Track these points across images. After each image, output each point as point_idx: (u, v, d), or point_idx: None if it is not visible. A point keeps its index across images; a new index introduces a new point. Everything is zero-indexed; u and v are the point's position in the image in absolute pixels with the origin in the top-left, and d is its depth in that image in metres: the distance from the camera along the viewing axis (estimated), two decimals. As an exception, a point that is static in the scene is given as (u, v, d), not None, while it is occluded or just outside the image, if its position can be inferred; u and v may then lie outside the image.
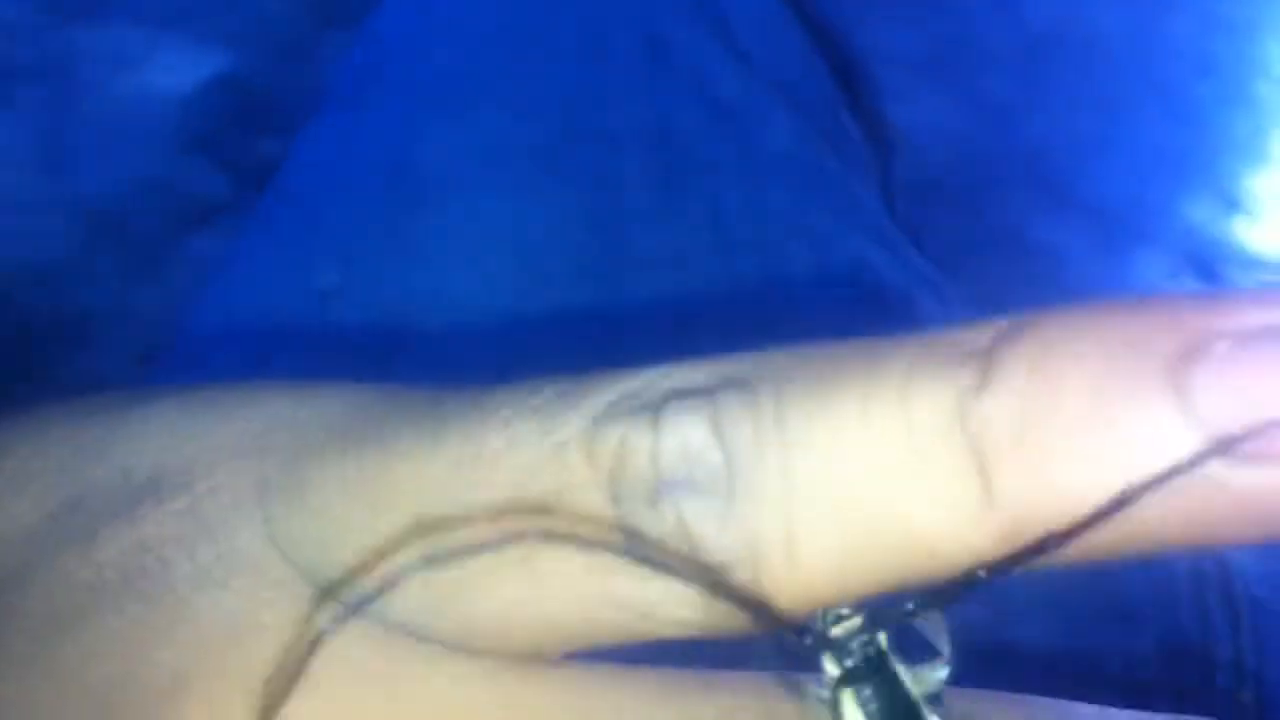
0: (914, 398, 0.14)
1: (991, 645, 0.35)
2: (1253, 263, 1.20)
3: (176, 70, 1.17)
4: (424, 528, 0.15)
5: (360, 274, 0.38)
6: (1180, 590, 0.39)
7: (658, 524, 0.14)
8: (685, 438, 0.14)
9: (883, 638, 0.15)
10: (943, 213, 1.23)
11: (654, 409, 0.15)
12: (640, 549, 0.14)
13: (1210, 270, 1.20)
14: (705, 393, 0.15)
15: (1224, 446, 0.13)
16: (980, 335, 0.14)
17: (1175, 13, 1.34)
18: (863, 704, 0.14)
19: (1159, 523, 0.14)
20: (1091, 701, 0.36)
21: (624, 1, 0.43)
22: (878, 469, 0.14)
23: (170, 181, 1.12)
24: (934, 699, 0.15)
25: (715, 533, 0.14)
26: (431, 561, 0.15)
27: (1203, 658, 0.38)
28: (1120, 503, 0.13)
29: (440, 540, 0.15)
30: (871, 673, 0.14)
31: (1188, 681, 0.37)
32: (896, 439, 0.14)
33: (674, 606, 0.15)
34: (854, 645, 0.14)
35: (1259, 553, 0.41)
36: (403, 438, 0.16)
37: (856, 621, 0.14)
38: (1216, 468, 0.13)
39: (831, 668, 0.14)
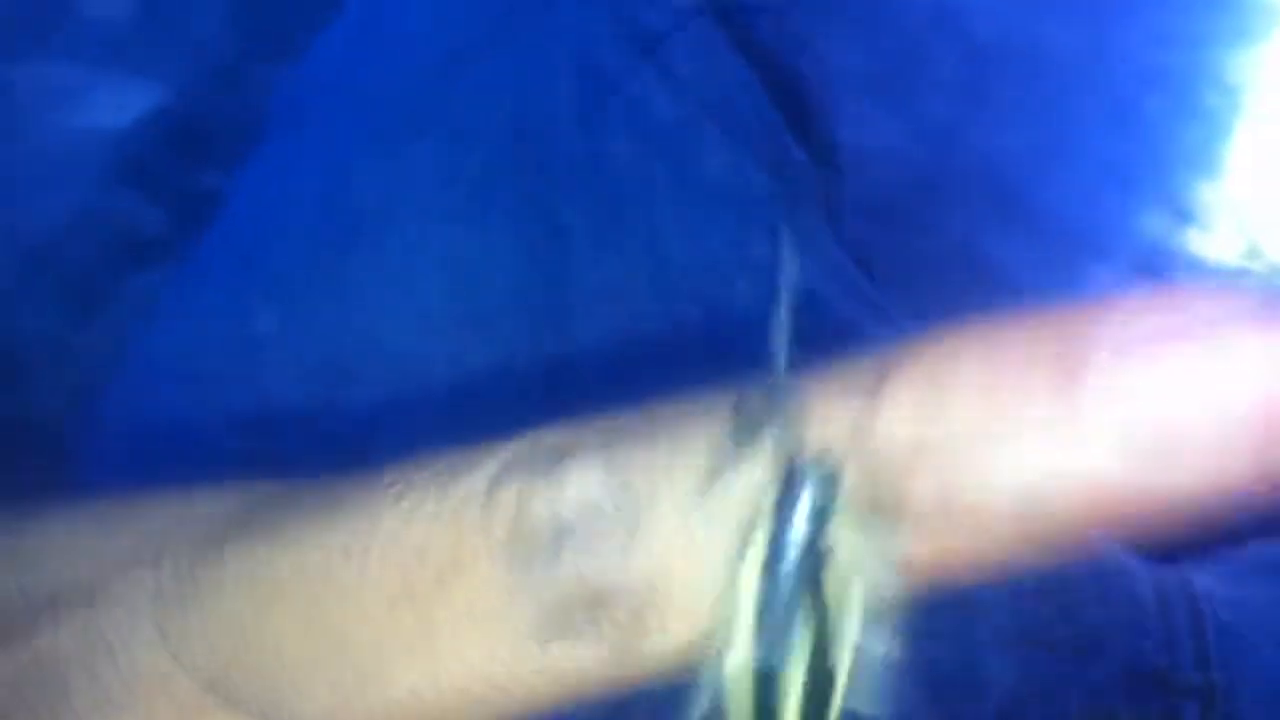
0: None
1: (957, 680, 0.34)
2: (1203, 272, 1.21)
3: (113, 105, 1.15)
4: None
5: (297, 316, 0.37)
6: (1146, 617, 0.38)
7: (559, 574, 0.14)
8: (584, 485, 0.14)
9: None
10: (892, 232, 1.23)
11: (551, 462, 0.14)
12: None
13: (1162, 280, 1.21)
14: (600, 445, 0.15)
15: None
16: (873, 363, 0.15)
17: (1123, 25, 1.35)
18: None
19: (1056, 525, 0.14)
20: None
21: (559, 30, 0.42)
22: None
23: (107, 216, 1.10)
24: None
25: (618, 575, 0.14)
26: None
27: (1169, 686, 0.37)
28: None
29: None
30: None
31: (1154, 711, 0.36)
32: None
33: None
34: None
35: (1225, 575, 0.40)
36: (290, 528, 0.15)
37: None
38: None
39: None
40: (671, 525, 0.14)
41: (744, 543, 0.14)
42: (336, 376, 0.35)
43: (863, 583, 0.14)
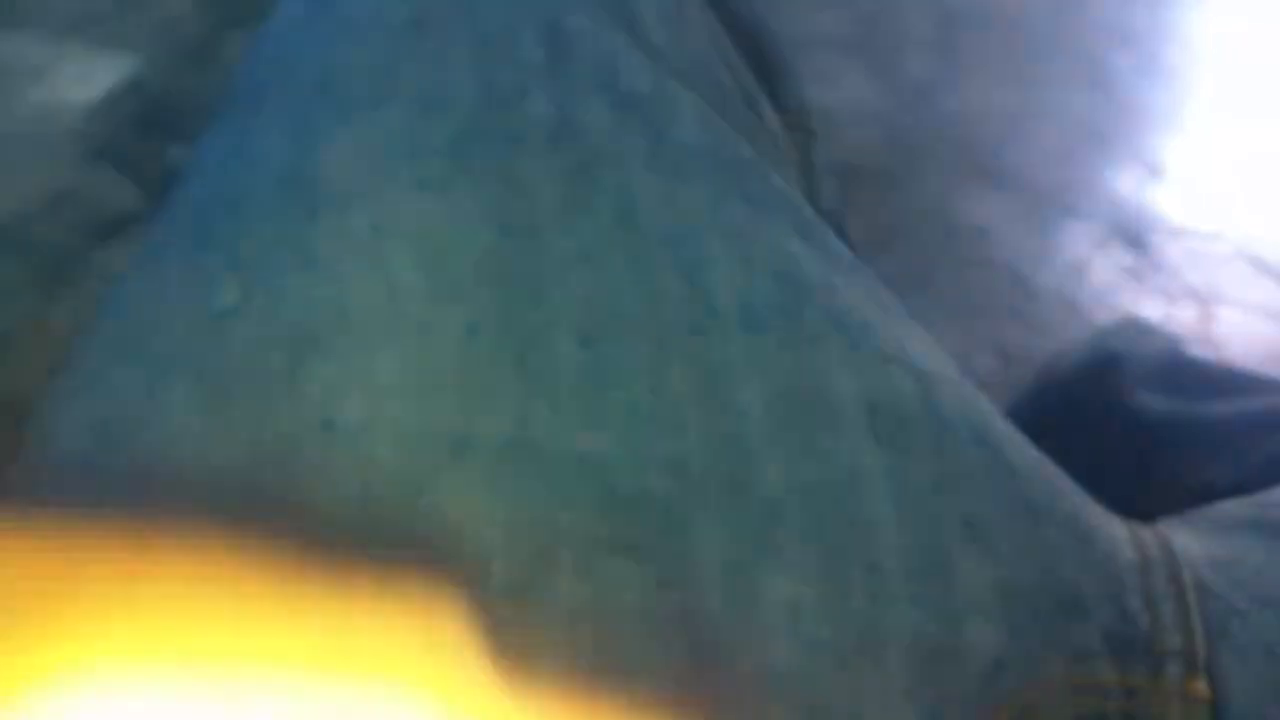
0: None
1: (937, 648, 0.34)
2: (1178, 231, 1.21)
3: (81, 80, 1.14)
4: None
5: (260, 290, 0.37)
6: (1126, 578, 0.38)
7: None
8: None
9: None
10: (869, 194, 1.23)
11: None
12: None
13: (1137, 239, 1.21)
14: None
15: None
16: None
17: (1092, -14, 1.35)
18: None
19: None
20: (1040, 708, 0.35)
21: (526, -8, 0.41)
22: None
23: (78, 192, 1.09)
24: None
25: None
26: None
27: (1152, 649, 0.37)
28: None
29: None
30: None
31: (1138, 676, 0.36)
32: None
33: None
34: None
35: (1204, 534, 0.40)
36: None
37: None
38: None
39: None
40: None
41: None
42: (303, 348, 0.35)
43: None
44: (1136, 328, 1.10)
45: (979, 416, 0.38)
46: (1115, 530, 0.39)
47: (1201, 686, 0.36)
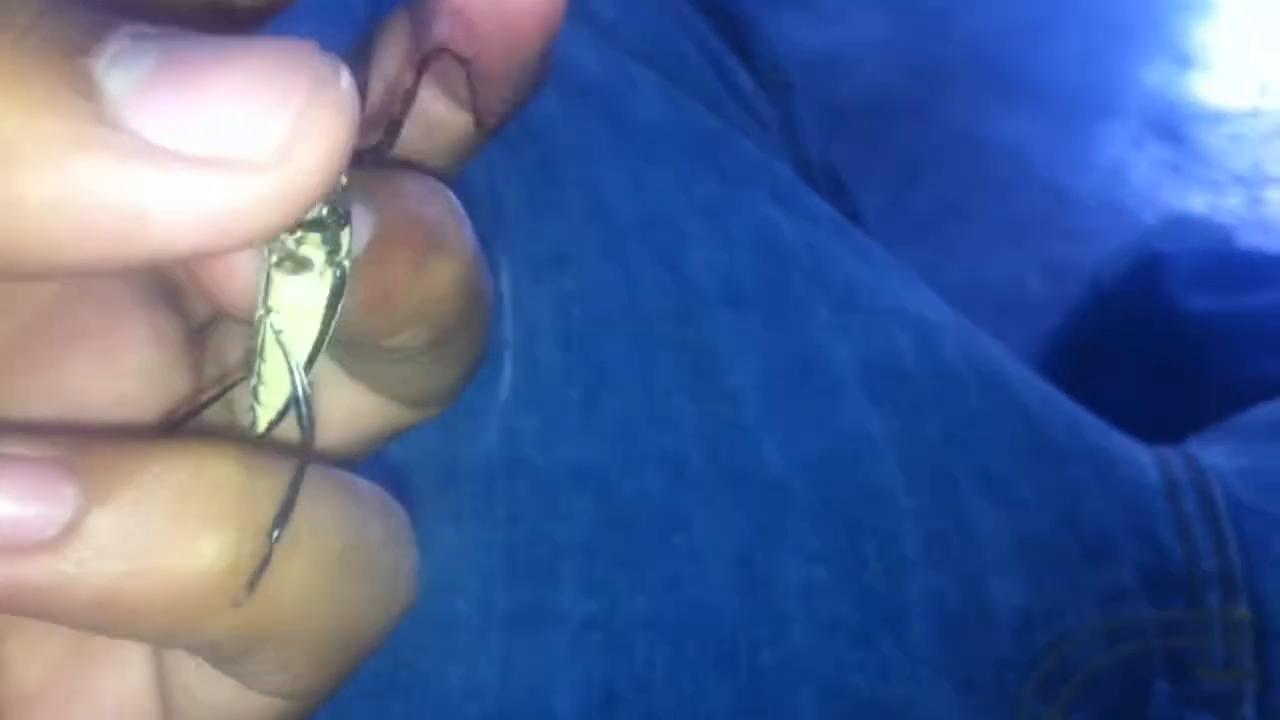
0: None
1: (963, 610, 0.33)
2: (1216, 117, 1.17)
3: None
4: None
5: None
6: (1154, 507, 0.36)
7: None
8: None
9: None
10: (895, 128, 1.20)
11: None
12: None
13: (1175, 131, 1.18)
14: None
15: None
16: None
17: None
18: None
19: None
20: (1076, 659, 0.33)
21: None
22: None
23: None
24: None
25: None
26: None
27: (1189, 578, 0.35)
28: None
29: None
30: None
31: (1175, 610, 0.35)
32: None
33: None
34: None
35: (1233, 449, 0.38)
36: None
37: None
38: None
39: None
40: None
41: None
42: None
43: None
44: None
45: (985, 360, 0.37)
46: (1139, 457, 0.37)
47: (1243, 611, 0.34)
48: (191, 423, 0.19)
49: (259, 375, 0.17)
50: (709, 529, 0.32)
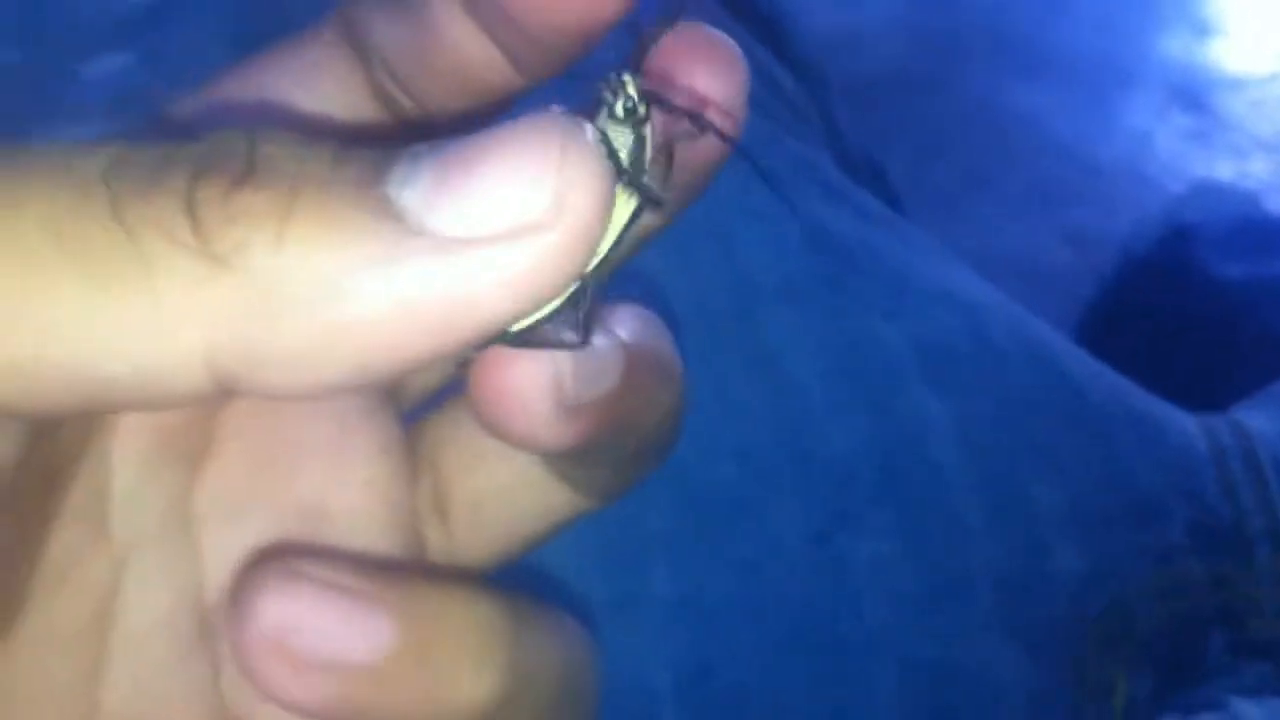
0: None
1: (1024, 581, 0.35)
2: (1237, 83, 1.18)
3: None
4: None
5: None
6: (1202, 470, 0.38)
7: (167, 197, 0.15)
8: (215, 139, 0.15)
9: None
10: (915, 104, 1.21)
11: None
12: None
13: (1197, 100, 1.19)
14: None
15: None
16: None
17: None
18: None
19: None
20: (1133, 616, 0.35)
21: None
22: None
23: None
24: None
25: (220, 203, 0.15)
26: None
27: (1237, 535, 0.37)
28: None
29: None
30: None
31: (1226, 565, 0.37)
32: None
33: None
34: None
35: (1274, 413, 0.40)
36: None
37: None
38: None
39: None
40: None
41: None
42: None
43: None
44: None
45: (1032, 337, 0.39)
46: (1185, 424, 0.39)
47: (1294, 565, 0.36)
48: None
49: None
50: (781, 512, 0.34)
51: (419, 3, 0.20)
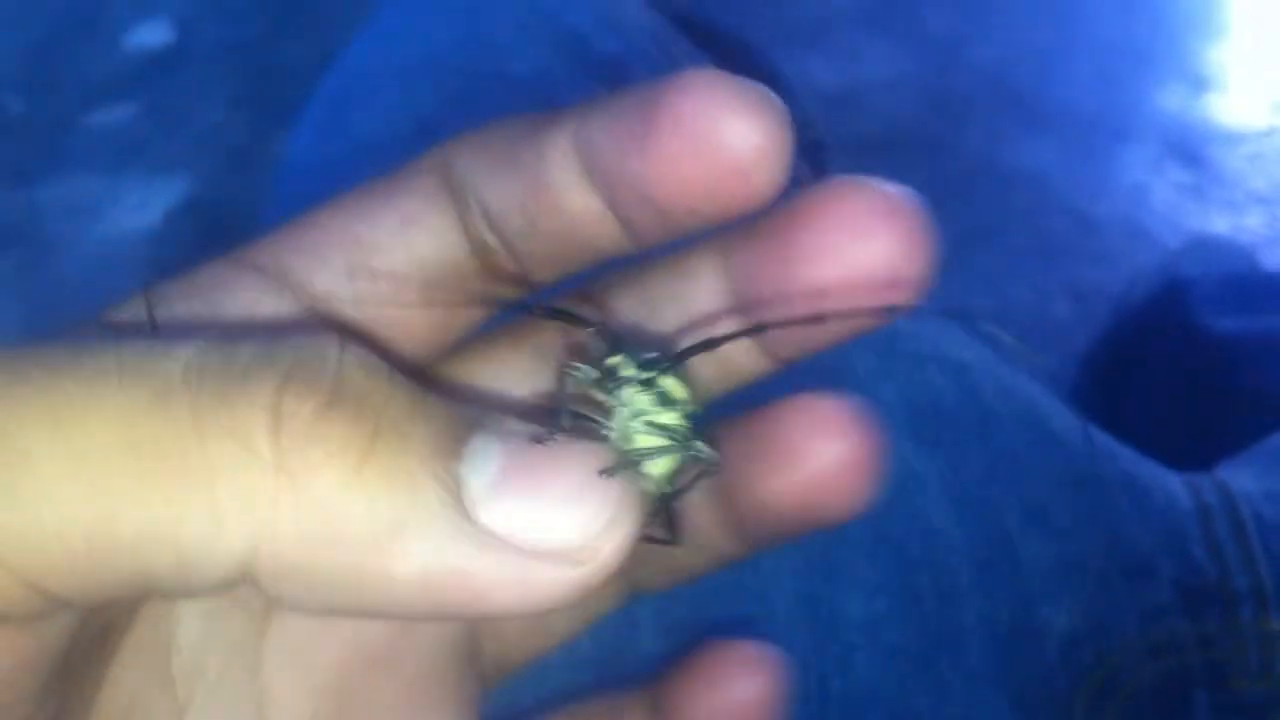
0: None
1: (1014, 634, 0.35)
2: (1233, 138, 1.19)
3: (140, 207, 1.17)
4: None
5: None
6: (1188, 529, 0.38)
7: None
8: (304, 348, 0.16)
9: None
10: (915, 161, 1.22)
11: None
12: None
13: (1193, 154, 1.19)
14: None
15: None
16: None
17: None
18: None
19: None
20: (1121, 674, 0.35)
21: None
22: None
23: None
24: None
25: None
26: None
27: (1222, 594, 0.37)
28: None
29: None
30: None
31: (1212, 624, 0.37)
32: None
33: None
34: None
35: (1259, 472, 0.41)
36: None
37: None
38: None
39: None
40: None
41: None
42: None
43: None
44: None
45: (1021, 397, 0.39)
46: (1171, 483, 0.40)
47: (1275, 623, 0.37)
48: None
49: None
50: (774, 569, 0.34)
51: (530, 159, 0.20)
